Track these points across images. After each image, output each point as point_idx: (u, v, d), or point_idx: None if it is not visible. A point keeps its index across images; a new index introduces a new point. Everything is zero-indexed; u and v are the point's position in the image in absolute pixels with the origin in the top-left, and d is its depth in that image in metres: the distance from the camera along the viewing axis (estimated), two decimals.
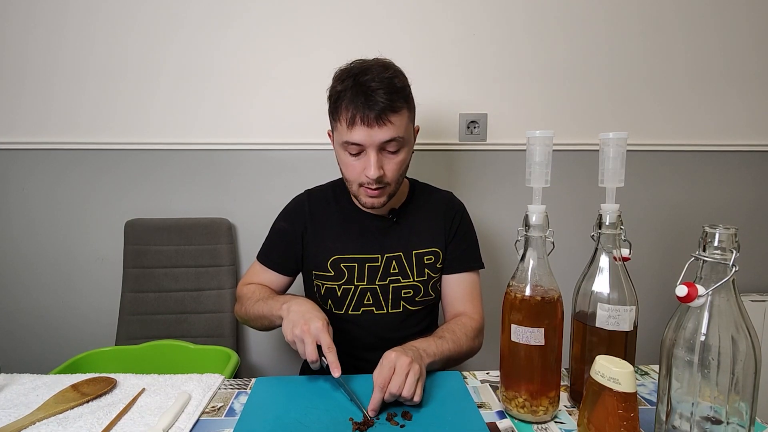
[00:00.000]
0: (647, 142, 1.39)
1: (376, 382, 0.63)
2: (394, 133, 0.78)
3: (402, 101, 0.79)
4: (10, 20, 1.26)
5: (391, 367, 0.64)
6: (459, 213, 0.96)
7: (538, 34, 1.33)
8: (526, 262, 0.62)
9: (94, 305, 1.37)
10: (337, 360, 0.67)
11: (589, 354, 0.63)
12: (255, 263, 0.96)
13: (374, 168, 0.78)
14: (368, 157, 0.79)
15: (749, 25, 1.36)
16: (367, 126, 0.76)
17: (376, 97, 0.76)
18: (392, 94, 0.77)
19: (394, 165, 0.81)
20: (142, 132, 1.31)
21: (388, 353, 0.67)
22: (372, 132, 0.77)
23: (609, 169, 0.62)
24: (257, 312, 0.84)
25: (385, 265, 0.89)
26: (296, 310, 0.72)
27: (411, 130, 0.85)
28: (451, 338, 0.80)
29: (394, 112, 0.77)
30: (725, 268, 0.48)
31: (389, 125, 0.77)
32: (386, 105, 0.76)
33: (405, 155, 0.83)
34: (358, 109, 0.76)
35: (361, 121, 0.76)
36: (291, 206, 0.97)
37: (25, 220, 1.34)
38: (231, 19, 1.28)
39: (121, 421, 0.63)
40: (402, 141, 0.80)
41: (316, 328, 0.68)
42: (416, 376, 0.65)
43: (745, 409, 0.49)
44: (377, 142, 0.78)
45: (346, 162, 0.83)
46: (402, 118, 0.79)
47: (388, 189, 0.83)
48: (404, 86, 0.81)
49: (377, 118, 0.76)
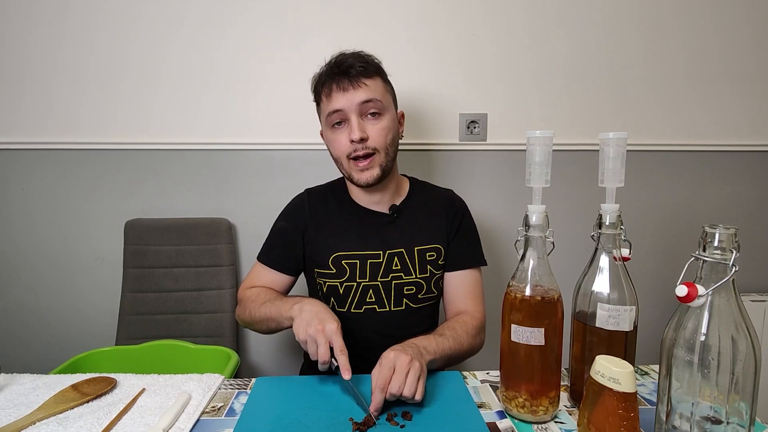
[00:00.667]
0: (647, 142, 1.39)
1: (376, 383, 0.63)
2: (370, 94, 0.83)
3: (374, 70, 0.85)
4: (10, 20, 1.26)
5: (390, 367, 0.64)
6: (461, 210, 0.96)
7: (538, 34, 1.33)
8: (526, 262, 0.62)
9: (94, 305, 1.37)
10: (348, 363, 0.66)
11: (589, 354, 0.63)
12: (256, 264, 0.96)
13: (356, 128, 0.82)
14: (350, 122, 0.83)
15: (749, 25, 1.36)
16: (343, 90, 0.82)
17: (348, 66, 0.83)
18: (365, 64, 0.84)
19: (377, 130, 0.84)
20: (142, 132, 1.31)
21: (386, 353, 0.67)
22: (347, 95, 0.82)
23: (609, 169, 0.62)
24: (264, 314, 0.83)
25: (387, 261, 0.89)
26: (310, 310, 0.72)
27: (390, 101, 0.88)
28: (451, 336, 0.80)
29: (367, 77, 0.83)
30: (725, 268, 0.48)
31: (364, 87, 0.82)
32: (359, 71, 0.83)
33: (388, 122, 0.86)
34: (334, 78, 0.83)
35: (337, 86, 0.83)
36: (291, 206, 0.97)
37: (25, 220, 1.34)
38: (231, 19, 1.28)
39: (121, 421, 0.63)
40: (380, 105, 0.84)
41: (330, 329, 0.68)
42: (417, 375, 0.64)
43: (745, 409, 0.49)
44: (355, 104, 0.82)
45: (332, 139, 0.87)
46: (376, 83, 0.85)
47: (377, 158, 0.85)
48: (377, 63, 0.87)
49: (351, 81, 0.82)
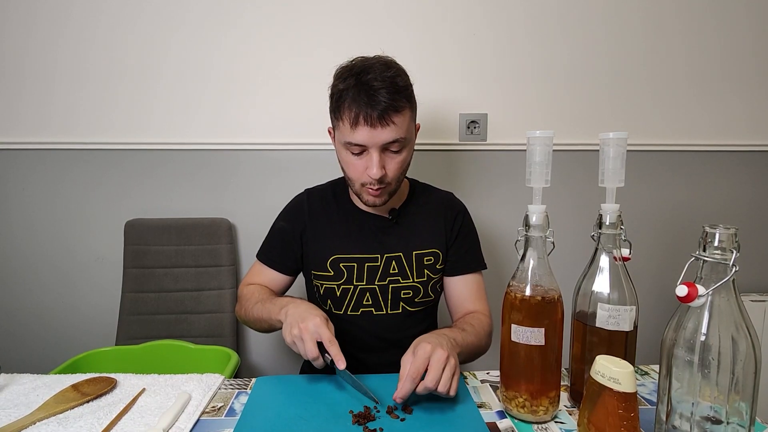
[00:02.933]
0: (647, 142, 1.39)
1: (408, 372, 0.61)
2: (396, 134, 0.77)
3: (404, 101, 0.78)
4: (10, 20, 1.26)
5: (425, 359, 0.62)
6: (460, 214, 0.95)
7: (538, 34, 1.33)
8: (526, 262, 0.62)
9: (94, 305, 1.37)
10: (340, 352, 0.66)
11: (589, 354, 0.63)
12: (255, 263, 0.96)
13: (377, 168, 0.78)
14: (371, 157, 0.78)
15: (749, 25, 1.36)
16: (370, 126, 0.75)
17: (378, 96, 0.75)
18: (395, 94, 0.76)
19: (395, 164, 0.81)
20: (142, 132, 1.31)
21: (422, 344, 0.65)
22: (375, 132, 0.76)
23: (609, 169, 0.62)
24: (256, 315, 0.83)
25: (384, 265, 0.89)
26: (293, 313, 0.72)
27: (413, 129, 0.84)
28: (472, 331, 0.80)
29: (396, 112, 0.77)
30: (725, 268, 0.48)
31: (392, 125, 0.76)
32: (389, 105, 0.75)
33: (407, 154, 0.83)
34: (361, 108, 0.75)
35: (364, 121, 0.75)
36: (290, 206, 0.97)
37: (25, 220, 1.34)
38: (231, 19, 1.28)
39: (121, 421, 0.63)
40: (404, 141, 0.80)
41: (314, 324, 0.67)
42: (452, 371, 0.63)
43: (745, 409, 0.49)
44: (380, 143, 0.77)
45: (348, 161, 0.82)
46: (404, 117, 0.79)
47: (389, 188, 0.83)
48: (407, 85, 0.80)
49: (380, 118, 0.75)
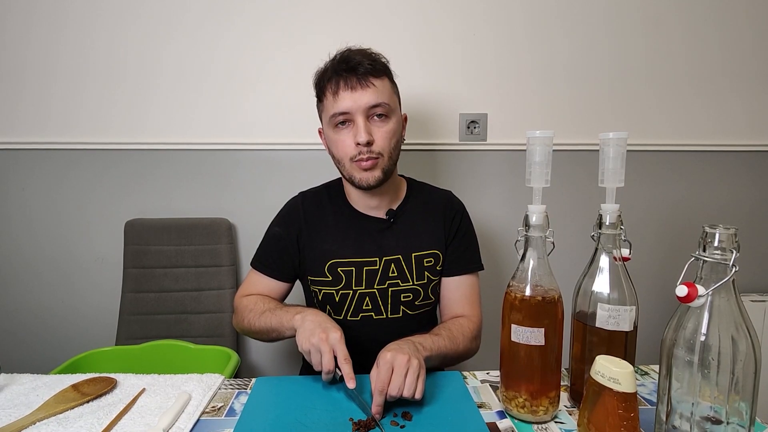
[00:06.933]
0: (647, 142, 1.39)
1: (375, 385, 0.62)
2: (378, 97, 0.80)
3: (382, 70, 0.82)
4: (10, 20, 1.26)
5: (388, 368, 0.63)
6: (459, 213, 0.94)
7: (538, 34, 1.33)
8: (526, 262, 0.62)
9: (94, 305, 1.37)
10: (352, 372, 0.66)
11: (589, 354, 0.63)
12: (250, 272, 0.94)
13: (363, 131, 0.79)
14: (356, 124, 0.80)
15: (749, 25, 1.36)
16: (351, 90, 0.79)
17: (357, 64, 0.79)
18: (373, 62, 0.81)
19: (383, 134, 0.82)
20: (142, 132, 1.31)
21: (383, 353, 0.66)
22: (356, 95, 0.79)
23: (609, 169, 0.62)
24: (264, 325, 0.82)
25: (383, 268, 0.87)
26: (312, 320, 0.72)
27: (396, 103, 0.86)
28: (447, 335, 0.79)
29: (376, 77, 0.80)
30: (725, 268, 0.48)
31: (372, 87, 0.79)
32: (368, 69, 0.79)
33: (393, 126, 0.83)
34: (341, 75, 0.80)
35: (345, 85, 0.79)
36: (285, 210, 0.95)
37: (25, 220, 1.34)
38: (230, 18, 1.28)
39: (121, 421, 0.63)
40: (388, 108, 0.82)
41: (334, 338, 0.68)
42: (416, 373, 0.64)
43: (745, 409, 0.49)
44: (363, 106, 0.79)
45: (335, 139, 0.83)
46: (384, 83, 0.82)
47: (381, 161, 0.82)
48: (385, 62, 0.84)
49: (359, 80, 0.79)
